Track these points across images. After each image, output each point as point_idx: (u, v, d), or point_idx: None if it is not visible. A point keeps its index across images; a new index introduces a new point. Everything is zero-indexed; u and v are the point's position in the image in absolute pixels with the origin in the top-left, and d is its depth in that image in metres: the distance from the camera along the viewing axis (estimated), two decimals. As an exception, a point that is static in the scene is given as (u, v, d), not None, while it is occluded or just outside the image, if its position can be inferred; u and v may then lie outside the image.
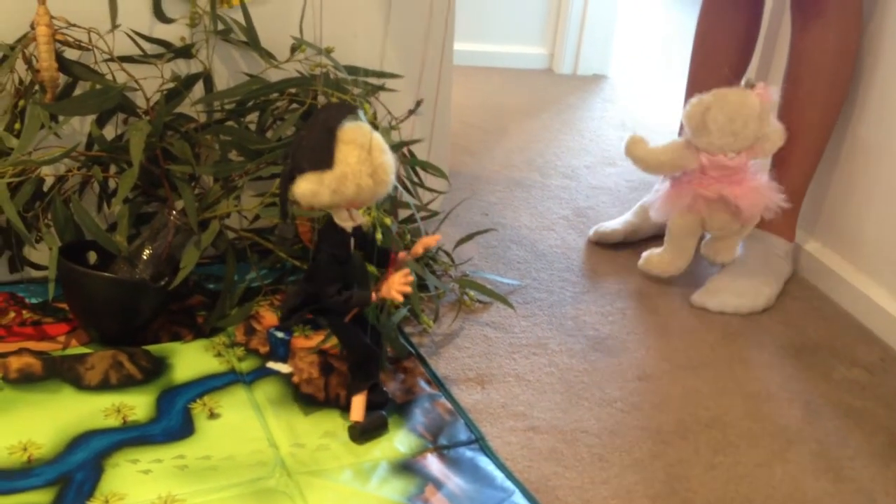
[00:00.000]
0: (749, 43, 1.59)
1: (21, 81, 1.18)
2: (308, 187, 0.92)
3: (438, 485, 0.98)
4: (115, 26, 1.19)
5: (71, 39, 1.17)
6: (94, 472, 0.94)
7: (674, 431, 1.12)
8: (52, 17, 1.14)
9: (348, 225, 0.98)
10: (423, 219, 1.36)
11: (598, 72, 2.67)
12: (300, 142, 0.94)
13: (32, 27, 1.14)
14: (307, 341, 1.20)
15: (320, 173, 0.92)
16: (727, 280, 1.45)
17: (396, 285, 0.98)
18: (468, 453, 1.04)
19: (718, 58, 1.59)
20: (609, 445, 1.09)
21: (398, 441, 1.05)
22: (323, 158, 0.92)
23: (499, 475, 1.01)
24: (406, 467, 1.00)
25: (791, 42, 1.47)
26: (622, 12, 2.70)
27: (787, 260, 1.51)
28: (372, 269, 1.12)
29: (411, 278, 1.00)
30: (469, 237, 1.46)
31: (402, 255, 1.04)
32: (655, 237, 1.62)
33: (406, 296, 1.21)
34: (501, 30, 2.62)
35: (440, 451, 1.04)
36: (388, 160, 0.95)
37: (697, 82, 1.63)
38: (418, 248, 1.03)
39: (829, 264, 1.52)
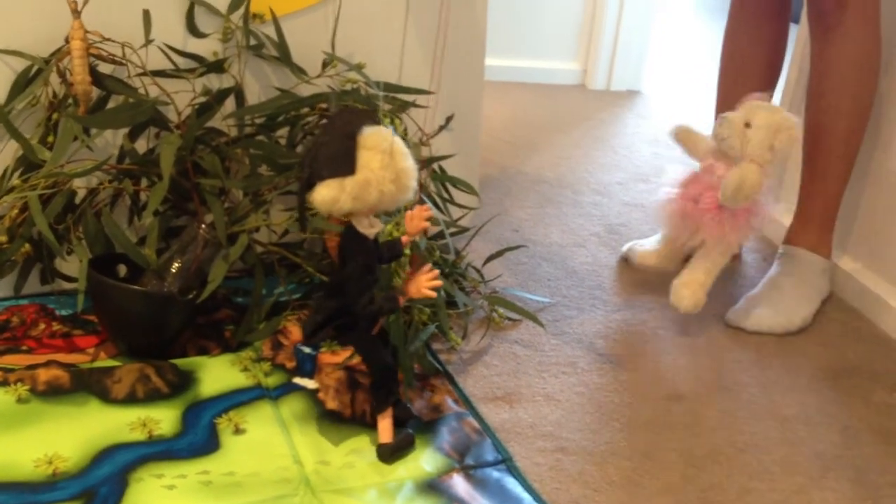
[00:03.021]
0: (777, 58, 1.58)
1: (55, 95, 1.19)
2: (329, 194, 0.91)
3: (464, 506, 0.97)
4: (148, 41, 1.19)
5: (105, 53, 1.18)
6: (118, 486, 0.94)
7: (707, 455, 1.10)
8: (86, 32, 1.15)
9: (371, 232, 0.97)
10: (452, 235, 1.34)
11: (631, 87, 2.65)
12: (318, 149, 0.92)
13: (67, 41, 1.15)
14: (334, 357, 1.19)
15: (341, 180, 0.91)
16: (762, 298, 1.42)
17: (425, 282, 0.97)
18: (495, 474, 1.02)
19: (747, 75, 1.57)
20: (640, 468, 1.06)
21: (424, 460, 1.03)
22: (344, 165, 0.91)
23: (526, 497, 0.99)
24: (432, 487, 0.99)
25: (812, 55, 1.45)
26: (656, 27, 2.68)
27: (823, 278, 1.48)
28: (398, 282, 1.12)
29: (436, 272, 0.98)
30: (499, 254, 1.44)
31: (404, 238, 1.01)
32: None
33: (435, 312, 1.22)
34: (534, 45, 2.61)
35: (467, 471, 1.02)
36: (411, 165, 0.94)
37: (727, 101, 1.61)
38: (416, 223, 0.99)
39: (868, 284, 1.48)
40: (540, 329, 1.33)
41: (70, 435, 1.00)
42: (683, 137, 1.41)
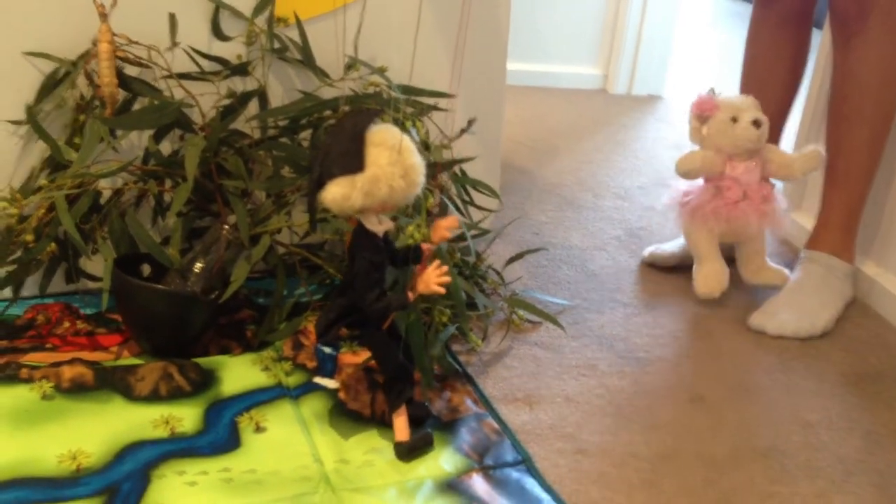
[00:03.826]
0: (799, 63, 1.57)
1: (82, 97, 1.21)
2: (339, 191, 0.92)
3: (484, 506, 0.97)
4: (174, 44, 1.21)
5: (131, 56, 1.19)
6: (140, 482, 0.95)
7: (728, 459, 1.09)
8: (113, 35, 1.16)
9: (380, 230, 0.97)
10: (473, 237, 1.35)
11: (652, 92, 2.64)
12: (328, 148, 0.93)
13: (94, 44, 1.17)
14: (354, 357, 1.20)
15: (351, 177, 0.92)
16: (785, 301, 1.42)
17: (434, 278, 0.97)
18: (514, 474, 1.02)
19: (769, 80, 1.57)
20: (660, 470, 1.06)
21: (444, 460, 1.03)
22: (353, 162, 0.92)
23: (546, 498, 0.99)
24: (451, 487, 0.99)
25: (834, 60, 1.45)
26: (677, 33, 2.67)
27: (846, 283, 1.47)
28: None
29: (446, 268, 0.98)
30: (519, 256, 1.44)
31: (425, 246, 1.02)
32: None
33: (455, 314, 1.22)
34: (556, 50, 2.62)
35: (486, 471, 1.02)
36: (419, 161, 0.95)
37: None
38: (441, 232, 1.00)
39: (892, 289, 1.47)
40: (560, 331, 1.33)
41: (93, 431, 1.01)
42: (700, 163, 1.44)
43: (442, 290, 0.97)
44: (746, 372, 1.28)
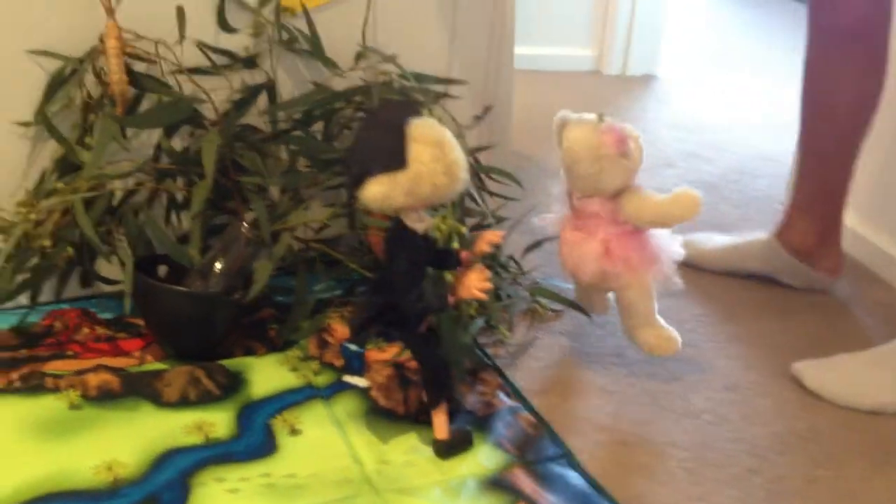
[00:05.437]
0: (869, 98, 1.34)
1: (90, 95, 1.17)
2: (380, 190, 0.89)
3: (530, 501, 0.95)
4: (182, 38, 1.17)
5: (141, 52, 1.16)
6: (181, 491, 0.92)
7: (769, 445, 1.08)
8: (121, 30, 1.13)
9: (420, 227, 0.95)
10: (488, 226, 1.32)
11: (647, 71, 2.62)
12: (365, 144, 0.90)
13: (101, 41, 1.13)
14: (381, 354, 1.17)
15: (393, 175, 0.89)
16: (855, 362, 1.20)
17: (476, 283, 0.95)
18: (557, 469, 1.01)
19: (830, 114, 1.37)
20: (701, 460, 1.05)
21: (484, 457, 1.02)
22: (395, 159, 0.89)
23: (591, 492, 0.98)
24: (495, 483, 0.97)
25: None
26: (670, 10, 2.65)
27: None
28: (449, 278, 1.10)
29: (488, 273, 0.96)
30: (537, 244, 1.42)
31: (465, 254, 1.00)
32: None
33: (484, 305, 1.20)
34: (546, 32, 2.59)
35: (528, 466, 1.01)
36: (461, 156, 0.92)
37: (809, 144, 1.42)
38: (482, 245, 0.98)
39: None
40: (584, 319, 1.31)
41: (126, 440, 0.99)
42: None
43: (483, 296, 0.95)
44: (776, 355, 1.27)
